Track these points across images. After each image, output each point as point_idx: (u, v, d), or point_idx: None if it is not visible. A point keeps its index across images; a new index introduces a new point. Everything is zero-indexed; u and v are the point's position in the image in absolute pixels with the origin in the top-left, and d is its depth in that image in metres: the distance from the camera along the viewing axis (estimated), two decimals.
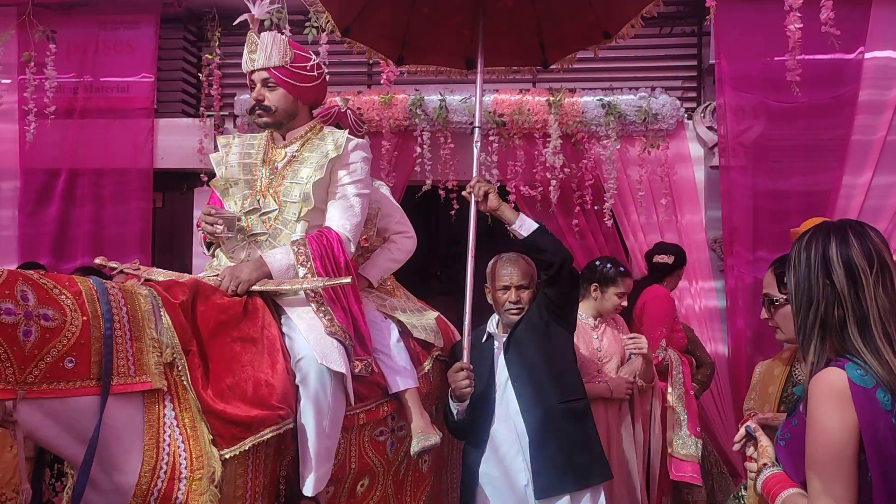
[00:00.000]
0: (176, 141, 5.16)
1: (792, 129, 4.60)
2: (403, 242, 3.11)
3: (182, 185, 5.28)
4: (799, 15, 3.91)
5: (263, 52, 2.58)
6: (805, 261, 1.57)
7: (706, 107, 4.84)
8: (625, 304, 3.50)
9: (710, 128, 4.80)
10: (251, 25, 2.64)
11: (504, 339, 2.87)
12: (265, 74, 2.61)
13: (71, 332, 1.98)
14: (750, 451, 1.84)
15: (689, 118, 4.87)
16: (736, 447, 1.90)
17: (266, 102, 2.63)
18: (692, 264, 4.71)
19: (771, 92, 4.59)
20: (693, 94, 5.05)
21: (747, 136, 4.66)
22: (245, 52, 2.63)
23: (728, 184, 4.66)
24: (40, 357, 1.91)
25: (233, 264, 2.55)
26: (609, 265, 3.53)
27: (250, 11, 2.66)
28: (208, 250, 2.76)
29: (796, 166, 4.62)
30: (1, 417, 1.89)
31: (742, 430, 1.88)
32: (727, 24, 4.62)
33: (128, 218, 5.14)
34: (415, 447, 2.59)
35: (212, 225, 2.54)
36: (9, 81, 5.11)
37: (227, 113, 5.19)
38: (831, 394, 1.47)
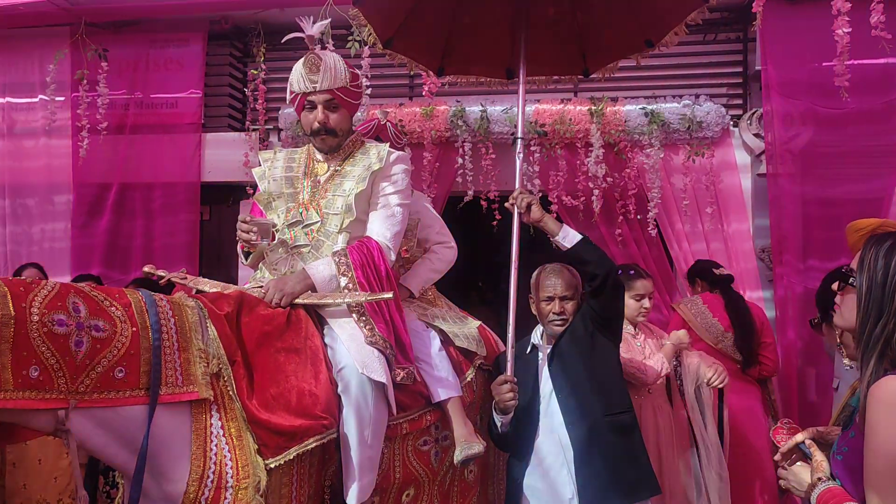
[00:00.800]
0: (222, 155, 5.27)
1: (841, 136, 4.48)
2: (444, 253, 3.12)
3: (229, 197, 5.39)
4: (847, 19, 3.80)
5: (329, 73, 2.57)
6: (883, 269, 1.52)
7: (752, 114, 4.74)
8: (646, 305, 3.45)
9: (756, 135, 4.71)
10: (309, 45, 2.62)
11: (548, 351, 2.85)
12: (328, 96, 2.60)
13: (121, 343, 2.02)
14: (791, 466, 1.79)
15: (735, 125, 4.78)
16: (777, 456, 1.85)
17: (331, 125, 2.64)
18: (740, 274, 4.62)
19: (819, 98, 4.49)
20: (739, 101, 4.96)
21: (795, 142, 4.55)
22: (302, 72, 2.59)
23: (776, 191, 4.56)
24: (91, 367, 1.95)
25: (276, 276, 2.59)
26: (619, 271, 3.49)
27: (304, 31, 2.64)
28: (246, 259, 2.79)
29: (847, 173, 4.50)
30: (54, 426, 1.93)
31: (790, 443, 1.83)
32: (773, 30, 4.53)
33: (176, 230, 5.26)
34: (458, 456, 2.59)
35: (247, 233, 2.58)
36: (62, 99, 5.28)
37: (271, 127, 5.29)
38: (892, 402, 1.42)
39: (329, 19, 2.77)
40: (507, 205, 2.86)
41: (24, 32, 5.31)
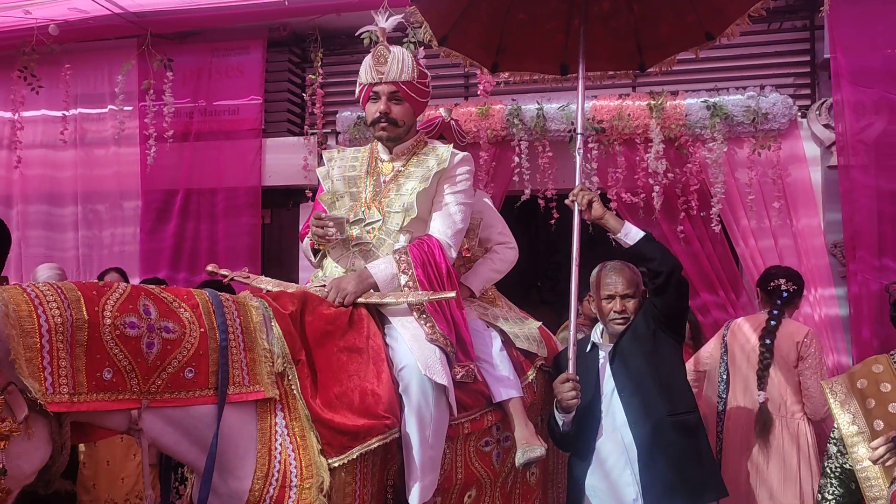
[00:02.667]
0: (282, 159, 5.37)
1: None
2: (506, 253, 3.10)
3: (288, 201, 5.48)
4: None
5: (396, 65, 2.62)
6: None
7: (822, 104, 4.56)
8: None
9: (826, 126, 4.53)
10: (380, 38, 2.69)
11: (609, 350, 2.80)
12: (393, 88, 2.63)
13: (190, 344, 2.05)
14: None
15: (803, 116, 4.61)
16: (874, 455, 1.79)
17: (393, 115, 2.65)
18: (810, 270, 4.45)
19: (893, 85, 4.30)
20: (806, 91, 4.78)
21: (868, 133, 4.36)
22: (370, 63, 2.64)
23: (848, 184, 4.37)
24: (162, 368, 2.00)
25: (338, 276, 2.61)
26: None
27: (377, 24, 2.72)
28: (315, 257, 2.81)
29: None
30: (127, 426, 1.98)
31: (881, 440, 1.77)
32: (842, 16, 4.35)
33: (239, 233, 5.38)
34: (520, 459, 2.56)
35: (323, 228, 2.58)
36: (130, 108, 5.45)
37: (329, 130, 5.35)
38: None
39: (399, 15, 2.80)
40: (567, 202, 2.82)
41: (93, 46, 5.52)
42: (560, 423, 2.70)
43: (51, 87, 5.46)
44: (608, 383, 2.75)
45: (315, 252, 2.79)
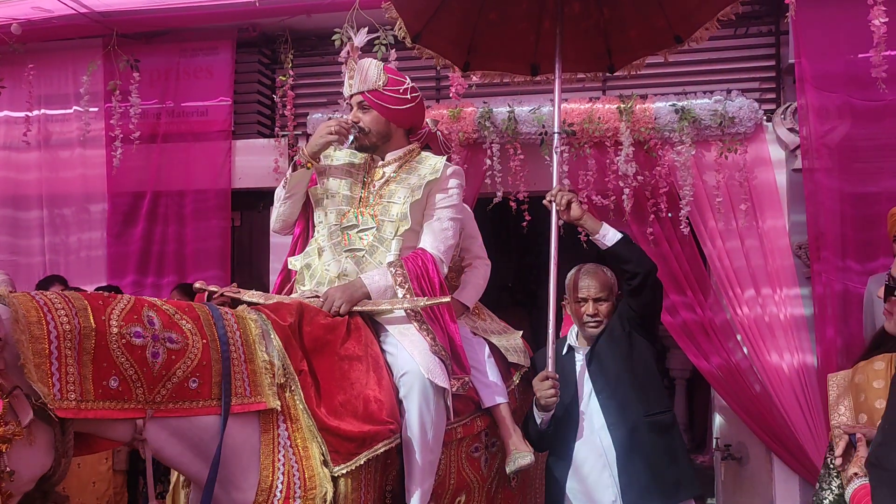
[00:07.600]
0: (252, 161, 5.32)
1: (879, 129, 4.37)
2: (485, 269, 3.23)
3: (259, 203, 5.41)
4: (884, 9, 3.72)
5: (360, 76, 2.73)
6: None
7: (787, 108, 4.65)
8: None
9: (791, 129, 4.61)
10: (351, 54, 2.84)
11: (586, 352, 2.82)
12: (360, 98, 2.74)
13: (193, 354, 2.07)
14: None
15: (769, 120, 4.69)
16: (839, 461, 1.82)
17: (361, 124, 2.74)
18: (776, 271, 4.52)
19: (855, 90, 4.38)
20: (772, 96, 4.86)
21: (831, 136, 4.44)
22: (346, 78, 2.79)
23: (813, 187, 4.45)
24: (167, 377, 2.00)
25: (327, 282, 2.64)
26: None
27: (352, 40, 2.87)
28: (294, 170, 2.78)
29: (886, 167, 4.38)
30: (131, 436, 1.98)
31: (843, 443, 1.80)
32: (807, 22, 4.43)
33: (208, 236, 5.30)
34: (511, 466, 2.64)
35: (347, 129, 2.67)
36: (96, 110, 5.36)
37: (300, 132, 5.31)
38: None
39: (378, 33, 2.89)
40: (545, 202, 2.82)
41: (57, 45, 5.41)
42: (538, 420, 2.71)
43: (13, 88, 5.33)
44: (586, 386, 2.77)
45: (294, 166, 2.77)
